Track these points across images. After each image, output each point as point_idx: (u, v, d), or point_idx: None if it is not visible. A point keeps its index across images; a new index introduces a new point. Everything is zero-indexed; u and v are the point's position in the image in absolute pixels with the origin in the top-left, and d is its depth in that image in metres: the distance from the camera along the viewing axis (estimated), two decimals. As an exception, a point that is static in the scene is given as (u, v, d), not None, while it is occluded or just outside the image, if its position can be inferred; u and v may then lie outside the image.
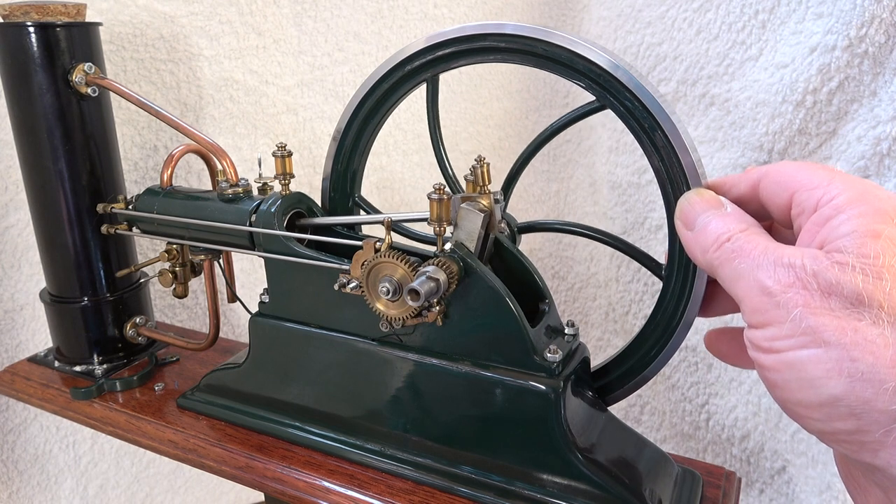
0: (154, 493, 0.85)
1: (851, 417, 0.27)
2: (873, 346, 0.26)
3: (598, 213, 0.86)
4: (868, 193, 0.29)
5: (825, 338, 0.27)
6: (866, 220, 0.28)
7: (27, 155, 0.56)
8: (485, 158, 0.42)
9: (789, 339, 0.28)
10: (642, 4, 0.74)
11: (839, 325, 0.27)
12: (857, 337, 0.26)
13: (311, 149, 0.82)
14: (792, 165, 0.33)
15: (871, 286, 0.27)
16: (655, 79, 0.73)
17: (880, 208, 0.29)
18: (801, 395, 0.28)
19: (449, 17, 0.86)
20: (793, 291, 0.28)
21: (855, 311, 0.27)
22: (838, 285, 0.27)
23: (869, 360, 0.26)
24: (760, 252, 0.30)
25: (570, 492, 0.41)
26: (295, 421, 0.50)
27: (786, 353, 0.28)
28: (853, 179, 0.31)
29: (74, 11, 0.54)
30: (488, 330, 0.42)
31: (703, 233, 0.33)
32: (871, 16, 0.52)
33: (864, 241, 0.28)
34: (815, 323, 0.27)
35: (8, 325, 0.70)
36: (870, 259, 0.27)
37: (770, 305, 0.29)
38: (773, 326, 0.29)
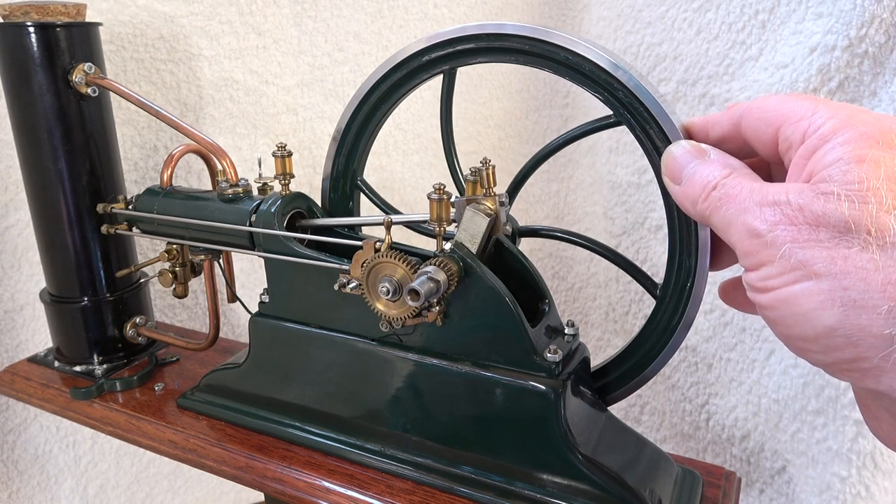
0: (154, 493, 0.85)
1: (849, 346, 0.27)
2: (864, 272, 0.26)
3: (598, 213, 0.86)
4: (853, 118, 0.29)
5: (816, 269, 0.27)
6: (851, 146, 0.28)
7: (27, 155, 0.56)
8: (490, 161, 0.42)
9: (781, 275, 0.28)
10: (642, 4, 0.74)
11: (829, 255, 0.27)
12: (847, 265, 0.26)
13: (311, 149, 0.82)
14: (774, 98, 0.33)
15: (858, 212, 0.26)
16: (655, 79, 0.73)
17: (865, 132, 0.28)
18: (799, 330, 0.28)
19: (449, 17, 0.86)
20: (780, 229, 0.28)
21: (843, 239, 0.27)
22: (825, 216, 0.27)
23: (860, 287, 0.26)
24: (746, 195, 0.30)
25: (570, 492, 0.41)
26: (295, 421, 0.50)
27: (780, 290, 0.28)
28: (838, 106, 0.30)
29: (74, 11, 0.54)
30: (488, 330, 0.42)
31: (690, 184, 0.33)
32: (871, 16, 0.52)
33: (848, 167, 0.27)
34: (804, 256, 0.27)
35: (8, 325, 0.70)
36: (854, 185, 0.27)
37: (760, 246, 0.29)
38: (766, 266, 0.29)
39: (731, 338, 0.70)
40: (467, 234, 0.41)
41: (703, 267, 0.39)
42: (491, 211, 0.41)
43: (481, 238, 0.41)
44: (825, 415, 0.60)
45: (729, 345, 0.70)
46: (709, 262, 0.39)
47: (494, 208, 0.42)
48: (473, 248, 0.41)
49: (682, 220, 0.40)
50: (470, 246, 0.41)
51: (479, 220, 0.41)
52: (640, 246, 0.79)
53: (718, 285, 0.40)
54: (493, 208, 0.42)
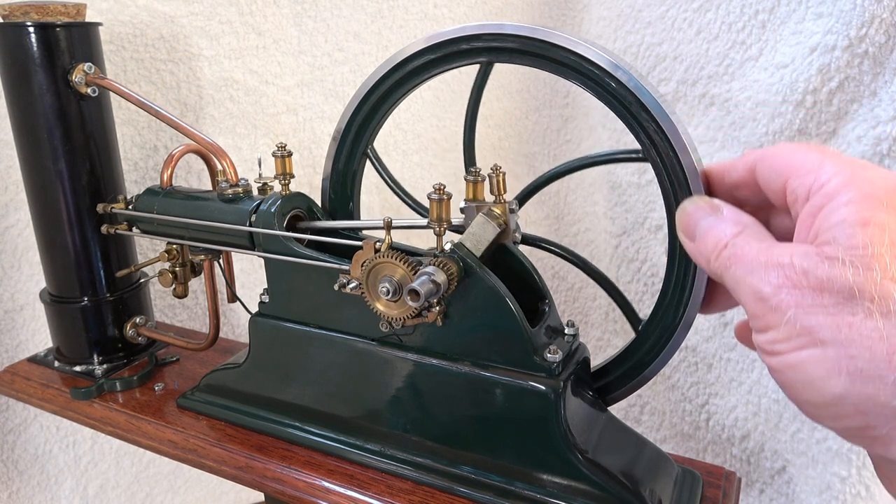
0: (154, 493, 0.85)
1: (858, 414, 0.26)
2: (869, 341, 0.26)
3: (598, 213, 0.86)
4: (857, 176, 0.29)
5: (821, 337, 0.27)
6: (856, 206, 0.28)
7: (27, 155, 0.56)
8: (500, 167, 0.42)
9: (788, 341, 0.28)
10: (642, 4, 0.74)
11: (833, 322, 0.27)
12: (852, 333, 0.26)
13: (311, 149, 0.82)
14: (786, 149, 0.33)
15: (862, 278, 0.26)
16: (655, 79, 0.73)
17: (870, 193, 0.28)
18: (808, 396, 0.28)
19: (449, 17, 0.86)
20: (784, 292, 0.28)
21: (848, 305, 0.26)
22: (829, 281, 0.27)
23: (866, 356, 0.26)
24: (753, 256, 0.30)
25: (570, 492, 0.41)
26: (295, 421, 0.50)
27: (787, 355, 0.28)
28: (844, 161, 0.30)
29: (74, 11, 0.54)
30: (488, 330, 0.42)
31: (703, 242, 0.33)
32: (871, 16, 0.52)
33: (853, 230, 0.27)
34: (809, 323, 0.27)
35: (8, 325, 0.70)
36: (859, 250, 0.27)
37: (766, 310, 0.29)
38: (773, 330, 0.29)
39: (731, 338, 0.70)
40: (474, 238, 0.41)
41: None
42: (502, 223, 0.41)
43: (487, 245, 0.41)
44: (825, 415, 0.60)
45: (729, 345, 0.70)
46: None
47: (504, 216, 0.42)
48: (477, 253, 0.41)
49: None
50: (474, 250, 0.41)
51: (489, 229, 0.41)
52: (640, 246, 0.79)
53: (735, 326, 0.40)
54: (501, 213, 0.42)
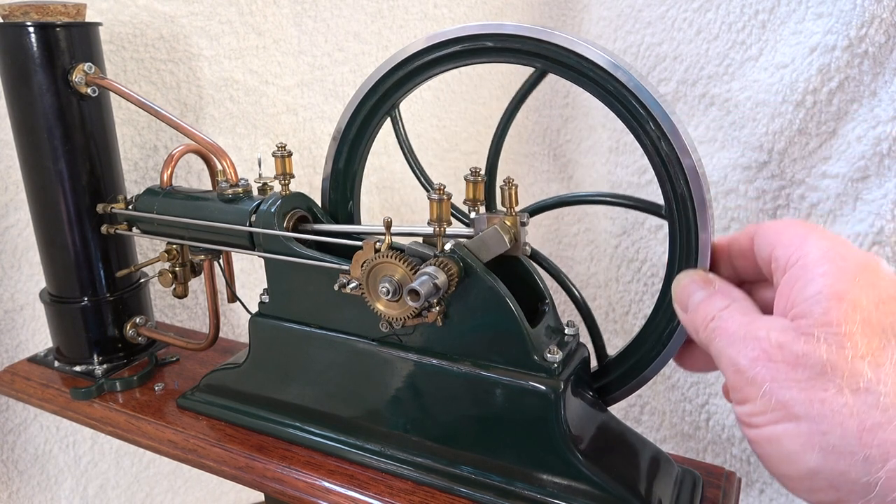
0: (154, 493, 0.85)
1: (831, 489, 0.27)
2: (840, 417, 0.27)
3: (598, 214, 0.86)
4: (833, 251, 0.30)
5: (795, 411, 0.28)
6: (831, 279, 0.29)
7: (27, 155, 0.56)
8: (513, 180, 0.42)
9: (764, 414, 0.29)
10: (642, 4, 0.74)
11: (807, 397, 0.28)
12: (824, 409, 0.27)
13: (311, 149, 0.82)
14: (779, 222, 0.35)
15: (835, 356, 0.27)
16: (655, 79, 0.73)
17: (844, 267, 0.30)
18: (784, 469, 0.29)
19: (449, 17, 0.86)
20: (760, 366, 0.29)
21: (820, 381, 0.28)
22: (804, 356, 0.28)
23: (838, 432, 0.27)
24: (735, 329, 0.32)
25: (570, 492, 0.41)
26: (295, 421, 0.50)
27: (764, 429, 0.29)
28: (826, 237, 0.32)
29: (74, 11, 0.54)
30: (488, 330, 0.42)
31: (695, 314, 0.35)
32: (871, 16, 0.52)
33: (828, 304, 0.29)
34: (784, 397, 0.28)
35: (8, 325, 0.70)
36: (832, 327, 0.28)
37: (743, 382, 0.30)
38: (750, 403, 0.30)
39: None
40: (482, 245, 0.41)
41: (703, 267, 0.39)
42: (512, 232, 0.41)
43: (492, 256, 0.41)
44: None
45: (729, 345, 0.70)
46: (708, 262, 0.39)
47: (515, 229, 0.42)
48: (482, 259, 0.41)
49: (683, 221, 0.40)
50: (479, 256, 0.41)
51: (499, 241, 0.41)
52: (640, 246, 0.79)
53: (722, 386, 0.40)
54: (514, 229, 0.42)
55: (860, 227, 0.54)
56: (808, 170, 0.60)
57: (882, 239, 0.52)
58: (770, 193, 0.63)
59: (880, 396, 0.26)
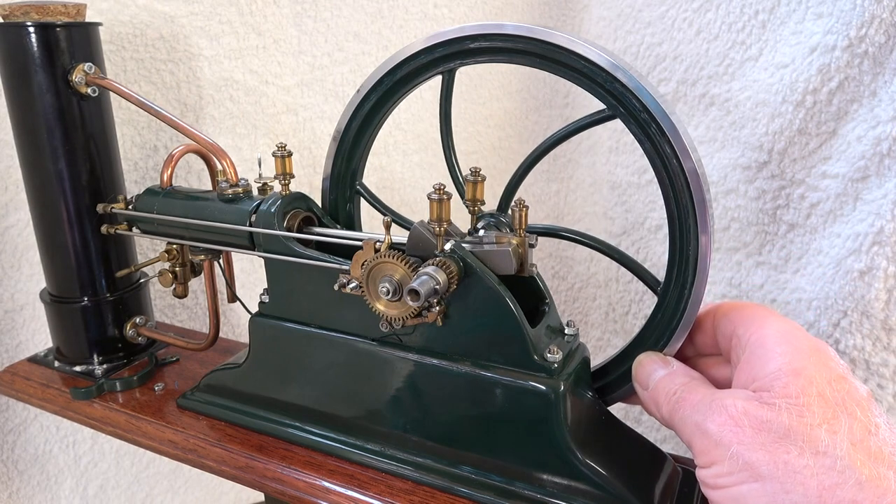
0: (154, 493, 0.85)
1: None
2: (802, 477, 0.29)
3: (597, 213, 0.86)
4: (790, 334, 0.35)
5: (761, 472, 0.30)
6: (788, 358, 0.33)
7: (27, 155, 0.56)
8: (524, 202, 0.41)
9: (730, 475, 0.31)
10: (642, 4, 0.74)
11: (771, 458, 0.30)
12: (787, 469, 0.30)
13: (311, 149, 0.82)
14: (740, 304, 0.39)
15: (796, 422, 0.31)
16: (655, 79, 0.73)
17: (799, 348, 0.34)
18: None
19: (449, 17, 0.86)
20: (727, 430, 0.32)
21: (783, 444, 0.30)
22: (768, 422, 0.31)
23: (800, 491, 0.29)
24: (699, 399, 0.35)
25: (570, 492, 0.41)
26: (295, 421, 0.50)
27: (729, 489, 0.32)
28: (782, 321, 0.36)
29: (74, 11, 0.54)
30: (488, 330, 0.42)
31: (656, 390, 0.38)
32: (871, 16, 0.52)
33: (787, 379, 0.32)
34: (750, 458, 0.31)
35: (8, 325, 0.70)
36: (792, 398, 0.31)
37: (710, 445, 0.33)
38: (717, 465, 0.32)
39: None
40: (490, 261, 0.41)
41: (703, 267, 0.39)
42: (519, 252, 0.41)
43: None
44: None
45: (729, 345, 0.70)
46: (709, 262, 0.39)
47: (520, 245, 0.42)
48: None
49: (682, 220, 0.40)
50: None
51: (506, 261, 0.41)
52: (640, 246, 0.79)
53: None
54: (521, 250, 0.42)
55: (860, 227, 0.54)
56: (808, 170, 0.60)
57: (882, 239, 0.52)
58: (770, 193, 0.63)
59: (837, 459, 0.29)
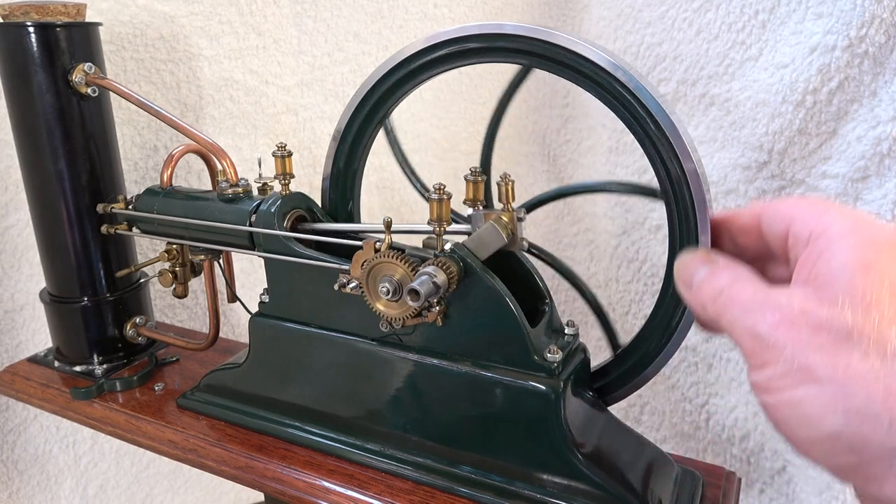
0: (154, 493, 0.85)
1: (852, 453, 0.27)
2: (865, 381, 0.26)
3: (597, 214, 0.86)
4: (860, 223, 0.30)
5: (819, 375, 0.27)
6: (857, 252, 0.29)
7: (27, 155, 0.56)
8: (509, 175, 0.42)
9: (785, 378, 0.29)
10: (642, 4, 0.74)
11: (831, 361, 0.27)
12: (849, 372, 0.27)
13: (311, 149, 0.82)
14: (791, 199, 0.34)
15: (861, 321, 0.27)
16: (655, 79, 0.73)
17: (871, 238, 0.29)
18: (803, 433, 0.29)
19: (449, 17, 0.86)
20: (782, 330, 0.29)
21: (845, 346, 0.27)
22: (828, 321, 0.28)
23: (862, 396, 0.26)
24: (749, 298, 0.31)
25: (569, 492, 0.41)
26: (295, 421, 0.50)
27: (783, 392, 0.29)
28: (848, 211, 0.31)
29: (74, 11, 0.54)
30: (488, 330, 0.42)
31: (700, 291, 0.35)
32: (871, 16, 0.52)
33: (854, 275, 0.28)
34: (806, 360, 0.28)
35: (8, 325, 0.70)
36: (858, 294, 0.28)
37: (762, 347, 0.30)
38: (769, 367, 0.29)
39: (731, 338, 0.70)
40: (481, 243, 0.41)
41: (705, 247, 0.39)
42: (509, 228, 0.41)
43: (491, 251, 0.41)
44: (825, 415, 0.60)
45: (729, 345, 0.70)
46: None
47: (512, 224, 0.42)
48: (480, 258, 0.41)
49: (683, 220, 0.40)
50: (478, 254, 0.41)
51: (496, 237, 0.41)
52: (640, 246, 0.79)
53: None
54: (510, 224, 0.42)
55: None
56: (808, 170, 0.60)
57: (882, 238, 0.52)
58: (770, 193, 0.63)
59: None
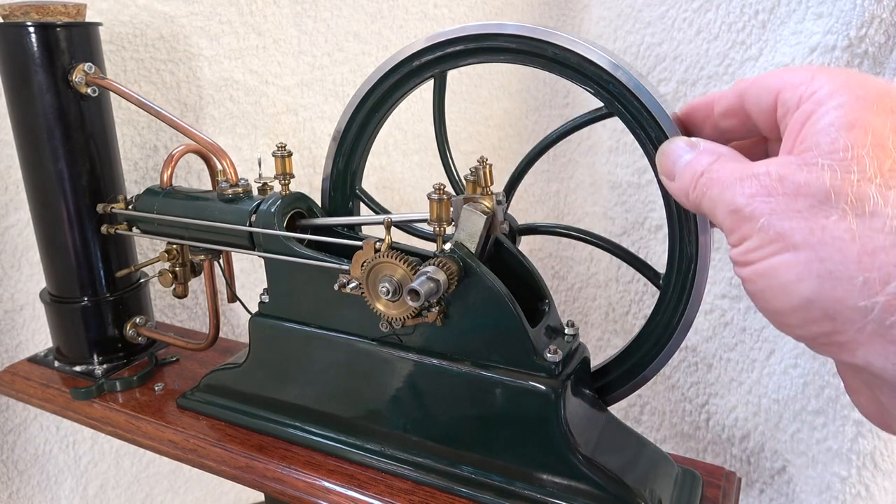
0: (154, 493, 0.85)
1: (826, 319, 0.26)
2: (840, 243, 0.25)
3: (597, 213, 0.86)
4: (850, 82, 0.28)
5: (794, 241, 0.27)
6: (844, 110, 0.27)
7: (27, 155, 0.56)
8: (487, 159, 0.42)
9: (761, 248, 0.28)
10: (642, 4, 0.74)
11: (807, 225, 0.26)
12: (824, 235, 0.26)
13: (311, 149, 0.82)
14: (777, 70, 0.32)
15: (840, 181, 0.26)
16: (655, 79, 0.73)
17: (861, 95, 0.27)
18: (777, 303, 0.28)
19: (449, 17, 0.86)
20: (758, 201, 0.28)
21: (823, 209, 0.26)
22: (805, 185, 0.27)
23: (837, 258, 0.25)
24: (728, 174, 0.30)
25: (570, 492, 0.41)
26: (295, 421, 0.50)
27: (759, 263, 0.28)
28: (837, 71, 0.29)
29: (74, 11, 0.54)
30: (488, 330, 0.42)
31: (682, 177, 0.33)
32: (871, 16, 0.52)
33: (838, 134, 0.27)
34: (782, 228, 0.27)
35: (8, 325, 0.70)
36: (839, 154, 0.26)
37: (740, 221, 0.28)
38: (747, 240, 0.28)
39: (731, 338, 0.70)
40: (465, 233, 0.41)
41: (703, 267, 0.39)
42: (488, 210, 0.41)
43: (479, 237, 0.41)
44: (825, 415, 0.60)
45: (729, 345, 0.70)
46: (709, 262, 0.39)
47: (491, 207, 0.42)
48: (472, 248, 0.41)
49: (682, 219, 0.40)
50: (469, 245, 0.41)
51: (475, 219, 0.41)
52: (640, 246, 0.79)
53: None
54: (490, 207, 0.42)
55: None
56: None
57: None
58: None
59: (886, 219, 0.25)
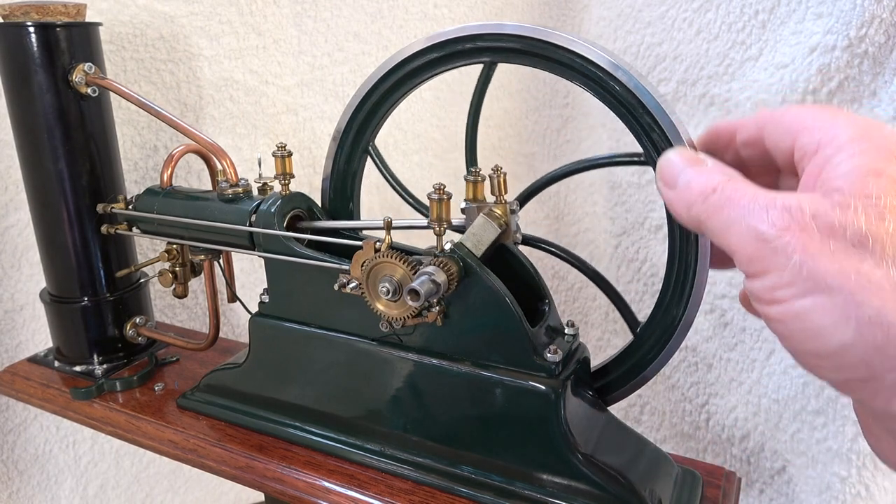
0: (154, 493, 0.85)
1: (863, 365, 0.25)
2: (878, 289, 0.25)
3: (597, 214, 0.86)
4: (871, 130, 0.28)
5: (828, 283, 0.25)
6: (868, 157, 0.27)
7: (27, 155, 0.56)
8: (501, 168, 0.42)
9: (791, 287, 0.26)
10: (642, 4, 0.74)
11: (841, 268, 0.25)
12: (861, 280, 0.25)
13: (311, 149, 0.82)
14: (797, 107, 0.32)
15: (874, 227, 0.25)
16: (655, 79, 0.73)
17: (882, 145, 0.27)
18: (810, 346, 0.27)
19: (449, 17, 0.86)
20: (790, 235, 0.26)
21: (857, 253, 0.25)
22: (841, 227, 0.26)
23: (875, 304, 0.25)
24: (750, 198, 0.28)
25: (569, 492, 0.41)
26: (295, 421, 0.50)
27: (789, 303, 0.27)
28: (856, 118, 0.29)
29: (74, 11, 0.54)
30: (488, 330, 0.42)
31: (687, 189, 0.32)
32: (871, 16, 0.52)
33: (865, 180, 0.26)
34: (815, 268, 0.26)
35: (8, 325, 0.70)
36: (871, 199, 0.26)
37: (767, 252, 0.27)
38: (773, 274, 0.27)
39: (731, 338, 0.70)
40: (475, 238, 0.41)
41: (703, 267, 0.39)
42: (503, 224, 0.41)
43: (488, 246, 0.41)
44: (825, 415, 0.60)
45: (729, 345, 0.70)
46: (709, 261, 0.39)
47: (505, 217, 0.42)
48: (477, 253, 0.41)
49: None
50: (474, 250, 0.41)
51: (490, 230, 0.41)
52: (640, 246, 0.79)
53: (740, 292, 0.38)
54: (502, 214, 0.42)
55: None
56: (808, 170, 0.59)
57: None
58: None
59: None
